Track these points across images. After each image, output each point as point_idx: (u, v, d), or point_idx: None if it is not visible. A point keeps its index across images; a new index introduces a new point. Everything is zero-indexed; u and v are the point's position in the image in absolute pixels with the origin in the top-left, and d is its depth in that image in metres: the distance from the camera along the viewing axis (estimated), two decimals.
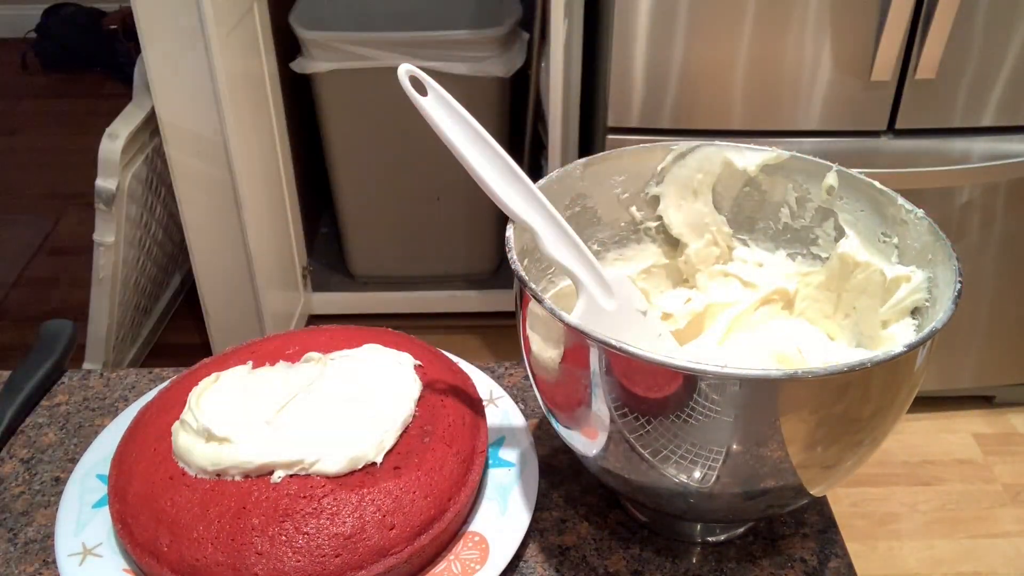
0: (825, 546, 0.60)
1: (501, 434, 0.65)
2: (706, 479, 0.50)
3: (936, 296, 0.54)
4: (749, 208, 0.65)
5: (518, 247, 0.56)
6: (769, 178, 0.63)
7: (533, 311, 0.51)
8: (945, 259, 0.52)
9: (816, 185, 0.61)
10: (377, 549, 0.52)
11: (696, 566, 0.58)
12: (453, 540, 0.57)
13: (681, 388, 0.45)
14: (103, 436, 0.65)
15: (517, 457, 0.63)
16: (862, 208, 0.59)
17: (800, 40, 1.45)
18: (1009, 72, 1.50)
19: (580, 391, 0.50)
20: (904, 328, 0.57)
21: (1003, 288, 1.74)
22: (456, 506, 0.56)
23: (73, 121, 2.99)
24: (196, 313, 1.88)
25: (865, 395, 0.46)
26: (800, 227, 0.64)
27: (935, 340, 0.47)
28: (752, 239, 0.66)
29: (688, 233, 0.66)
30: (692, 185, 0.64)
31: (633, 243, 0.67)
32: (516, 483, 0.61)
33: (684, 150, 0.63)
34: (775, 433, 0.47)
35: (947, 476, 1.79)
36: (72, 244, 2.43)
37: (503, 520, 0.58)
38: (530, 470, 0.62)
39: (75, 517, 0.58)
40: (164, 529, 0.53)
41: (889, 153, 1.57)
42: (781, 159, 0.62)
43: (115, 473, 0.58)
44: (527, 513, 0.59)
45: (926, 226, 0.54)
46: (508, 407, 0.66)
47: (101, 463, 0.62)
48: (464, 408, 0.61)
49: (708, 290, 0.66)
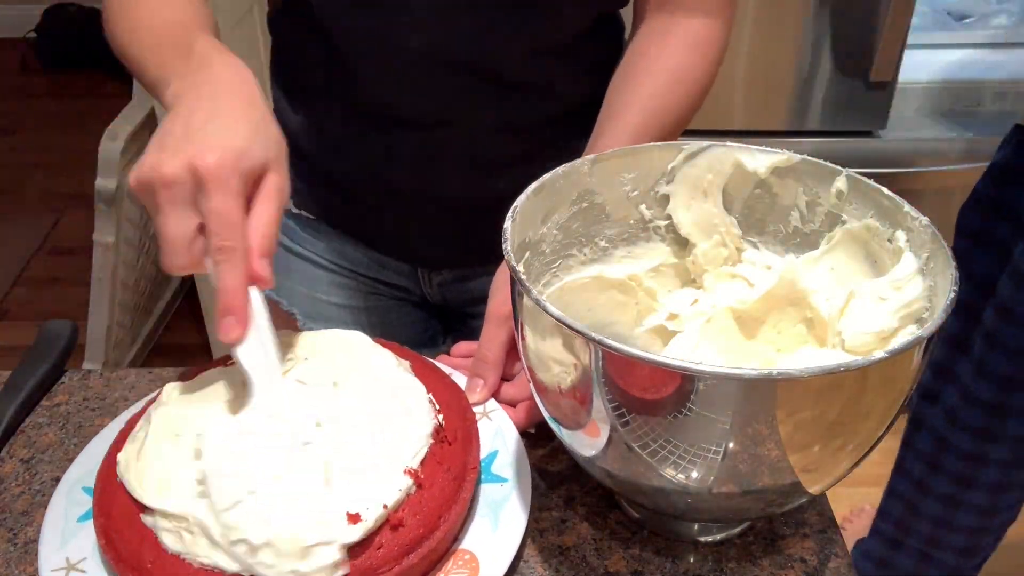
0: (825, 546, 0.60)
1: (494, 448, 0.62)
2: (704, 478, 0.50)
3: (936, 305, 0.54)
4: (760, 210, 0.65)
5: (515, 242, 0.55)
6: (780, 181, 0.63)
7: (529, 309, 0.51)
8: (945, 268, 0.52)
9: (825, 189, 0.61)
10: (364, 568, 0.51)
11: (696, 566, 0.58)
12: (443, 559, 0.55)
13: (678, 388, 0.45)
14: (90, 447, 0.64)
15: (510, 472, 0.60)
16: (871, 214, 0.59)
17: (800, 40, 1.46)
18: None
19: (577, 391, 0.50)
20: (906, 337, 0.56)
21: None
22: (446, 525, 0.54)
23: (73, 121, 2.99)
24: (196, 313, 1.88)
25: (861, 394, 0.46)
26: (810, 231, 0.63)
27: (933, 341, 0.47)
28: (762, 241, 0.66)
29: (697, 233, 0.66)
30: (702, 185, 0.64)
31: (642, 241, 0.67)
32: (508, 499, 0.59)
33: (695, 150, 0.63)
34: (772, 432, 0.47)
35: None
36: (72, 244, 2.44)
37: (494, 537, 0.56)
38: (523, 485, 0.59)
39: (60, 531, 0.57)
40: (148, 546, 0.52)
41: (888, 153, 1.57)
42: (792, 162, 0.62)
43: (100, 487, 0.56)
44: (519, 530, 0.57)
45: (930, 234, 0.54)
46: (502, 420, 0.65)
47: (87, 476, 0.60)
48: (456, 423, 0.59)
49: (715, 291, 0.66)
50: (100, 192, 1.67)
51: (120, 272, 1.77)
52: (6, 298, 2.31)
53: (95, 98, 3.07)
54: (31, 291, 2.34)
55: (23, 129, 3.06)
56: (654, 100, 0.72)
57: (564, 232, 0.63)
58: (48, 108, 3.20)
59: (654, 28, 0.75)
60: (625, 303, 0.65)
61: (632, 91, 0.73)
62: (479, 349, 0.66)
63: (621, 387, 0.48)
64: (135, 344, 1.98)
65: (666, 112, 0.73)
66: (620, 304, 0.65)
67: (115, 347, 1.81)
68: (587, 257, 0.65)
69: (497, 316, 0.66)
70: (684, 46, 0.74)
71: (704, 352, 0.62)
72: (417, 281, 0.93)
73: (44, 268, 2.41)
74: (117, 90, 2.57)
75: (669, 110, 0.73)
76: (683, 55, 0.74)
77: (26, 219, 2.59)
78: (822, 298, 0.61)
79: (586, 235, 0.64)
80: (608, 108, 0.75)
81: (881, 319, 0.57)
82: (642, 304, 0.66)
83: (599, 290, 0.64)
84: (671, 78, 0.73)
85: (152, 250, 1.96)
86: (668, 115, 0.73)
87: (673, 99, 0.73)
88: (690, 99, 0.74)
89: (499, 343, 0.65)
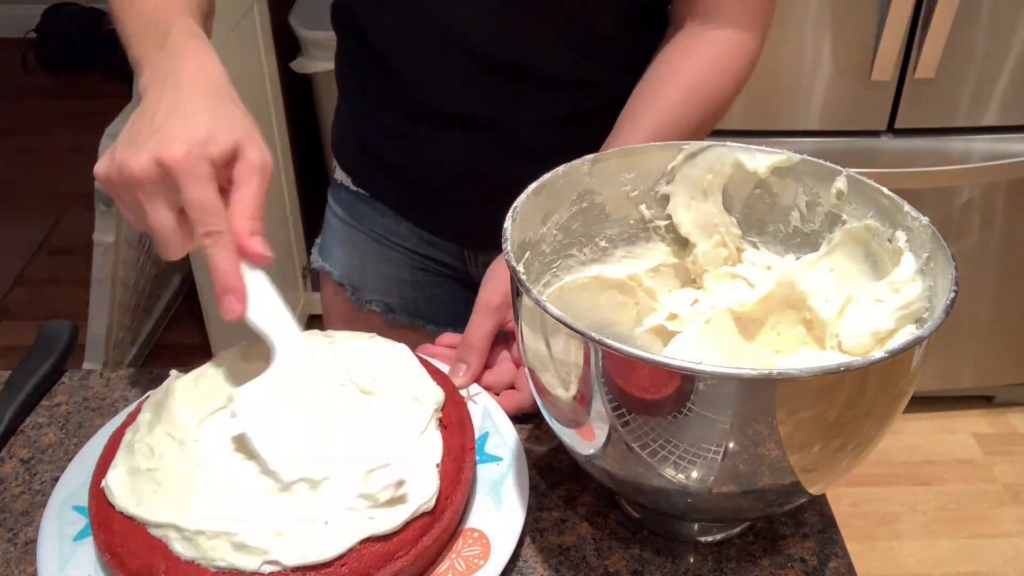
0: (825, 546, 0.60)
1: (485, 430, 0.64)
2: (704, 478, 0.50)
3: (935, 306, 0.54)
4: (760, 211, 0.65)
5: (516, 242, 0.55)
6: (780, 181, 0.63)
7: (529, 309, 0.51)
8: (944, 267, 0.52)
9: (825, 189, 0.61)
10: (383, 554, 0.52)
11: (696, 566, 0.58)
12: (453, 539, 0.57)
13: (678, 388, 0.45)
14: (72, 468, 0.62)
15: (504, 451, 0.63)
16: (871, 214, 0.59)
17: (800, 40, 1.46)
18: (1009, 72, 1.50)
19: (577, 391, 0.50)
20: (905, 336, 0.56)
21: (1003, 288, 1.74)
22: (453, 505, 0.55)
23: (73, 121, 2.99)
24: (196, 313, 1.88)
25: (861, 395, 0.46)
26: (810, 231, 0.63)
27: (929, 341, 0.47)
28: (762, 241, 0.66)
29: (697, 233, 0.66)
30: (702, 185, 0.64)
31: (642, 241, 0.67)
32: (507, 476, 0.61)
33: (695, 150, 0.63)
34: (772, 432, 0.47)
35: (947, 476, 1.79)
36: (72, 244, 2.44)
37: (499, 514, 0.58)
38: (519, 462, 0.62)
39: (56, 554, 0.55)
40: (160, 555, 0.51)
41: (889, 153, 1.57)
42: (792, 162, 0.62)
43: (95, 503, 0.55)
44: (522, 505, 0.59)
45: (930, 234, 0.54)
46: (487, 403, 0.67)
47: (75, 495, 0.59)
48: (449, 407, 0.61)
49: (715, 291, 0.66)
50: (100, 192, 1.67)
51: (120, 272, 1.77)
52: (6, 298, 2.30)
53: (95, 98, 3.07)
54: (31, 291, 2.33)
55: (23, 129, 3.06)
56: (671, 111, 0.73)
57: (564, 232, 0.63)
58: (48, 108, 3.20)
59: (683, 37, 0.76)
60: (625, 303, 0.65)
61: (650, 101, 0.75)
62: (465, 334, 0.70)
63: (621, 387, 0.48)
64: (135, 344, 1.98)
65: (680, 124, 0.73)
66: (620, 304, 0.65)
67: (115, 347, 1.81)
68: (587, 257, 0.65)
69: (487, 304, 0.69)
70: (708, 59, 0.75)
71: (703, 352, 0.62)
72: (464, 261, 0.95)
73: (44, 268, 2.41)
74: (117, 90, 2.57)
75: (683, 122, 0.74)
76: (705, 68, 0.75)
77: (26, 219, 2.58)
78: (821, 300, 0.61)
79: (586, 235, 0.64)
80: (625, 114, 0.76)
81: (878, 320, 0.57)
82: (642, 304, 0.66)
83: (599, 290, 0.64)
84: (690, 91, 0.74)
85: (152, 250, 1.96)
86: (682, 127, 0.73)
87: (689, 111, 0.74)
88: (707, 113, 0.75)
89: (485, 330, 0.69)
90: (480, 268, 0.95)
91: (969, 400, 1.94)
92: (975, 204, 1.63)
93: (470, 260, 0.95)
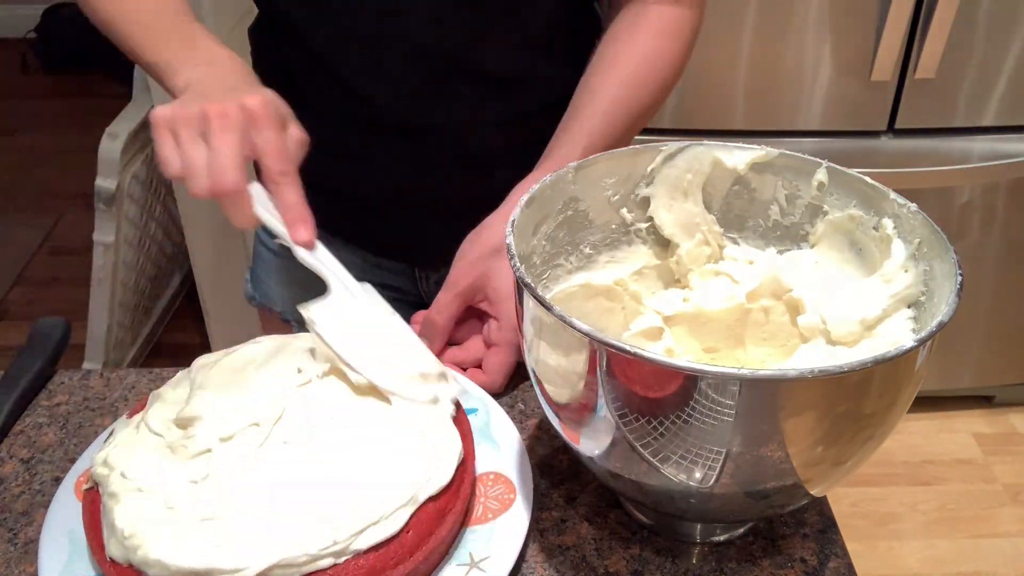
0: (825, 546, 0.60)
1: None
2: (707, 479, 0.50)
3: (933, 289, 0.54)
4: (738, 207, 0.65)
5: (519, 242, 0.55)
6: (758, 176, 0.64)
7: (533, 312, 0.51)
8: (943, 252, 0.52)
9: (805, 182, 0.62)
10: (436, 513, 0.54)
11: (696, 566, 0.58)
12: (474, 486, 0.60)
13: (682, 388, 0.45)
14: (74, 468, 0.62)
15: (475, 402, 0.67)
16: (853, 203, 0.60)
17: (800, 40, 1.45)
18: (1009, 72, 1.50)
19: (581, 392, 0.50)
20: (899, 321, 0.56)
21: (1003, 288, 1.74)
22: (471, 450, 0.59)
23: (73, 121, 2.99)
24: (196, 313, 1.88)
25: (866, 394, 0.46)
26: (790, 224, 0.64)
27: (935, 339, 0.47)
28: (742, 237, 0.67)
29: (679, 233, 0.66)
30: (682, 185, 0.64)
31: (624, 245, 0.67)
32: (489, 421, 0.65)
33: (673, 150, 0.63)
34: (776, 433, 0.47)
35: (947, 476, 1.79)
36: (72, 244, 2.44)
37: (502, 453, 0.63)
38: (493, 406, 0.66)
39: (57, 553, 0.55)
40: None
41: (889, 153, 1.57)
42: (770, 157, 0.62)
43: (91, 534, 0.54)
44: (516, 440, 0.64)
45: (920, 220, 0.54)
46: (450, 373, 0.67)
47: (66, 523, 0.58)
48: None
49: (700, 290, 0.66)
50: (100, 192, 1.67)
51: (120, 272, 1.77)
52: (6, 298, 2.30)
53: (95, 98, 3.07)
54: (31, 291, 2.33)
55: (23, 129, 3.06)
56: (625, 83, 0.76)
57: (551, 242, 0.62)
58: (48, 108, 3.20)
59: (626, 16, 0.79)
60: (612, 308, 0.66)
61: (605, 74, 0.77)
62: (430, 312, 0.72)
63: (625, 387, 0.48)
64: (135, 344, 1.97)
65: (637, 95, 0.77)
66: (607, 310, 0.65)
67: (115, 347, 1.81)
68: (573, 266, 0.65)
69: (454, 285, 0.71)
70: (654, 32, 0.78)
71: (692, 353, 0.62)
72: (414, 281, 0.93)
73: (44, 268, 2.41)
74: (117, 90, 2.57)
75: (640, 92, 0.77)
76: (654, 41, 0.78)
77: (26, 219, 2.58)
78: (806, 291, 0.61)
79: (571, 243, 0.64)
80: (582, 89, 0.78)
81: (865, 308, 0.57)
82: (628, 308, 0.66)
83: (586, 298, 0.64)
84: (642, 62, 0.77)
85: (152, 250, 1.96)
86: (639, 97, 0.77)
87: (644, 82, 0.77)
88: (661, 82, 0.78)
89: (452, 311, 0.71)
90: (432, 287, 0.92)
91: (969, 400, 1.94)
92: (975, 204, 1.63)
93: (421, 279, 0.93)
